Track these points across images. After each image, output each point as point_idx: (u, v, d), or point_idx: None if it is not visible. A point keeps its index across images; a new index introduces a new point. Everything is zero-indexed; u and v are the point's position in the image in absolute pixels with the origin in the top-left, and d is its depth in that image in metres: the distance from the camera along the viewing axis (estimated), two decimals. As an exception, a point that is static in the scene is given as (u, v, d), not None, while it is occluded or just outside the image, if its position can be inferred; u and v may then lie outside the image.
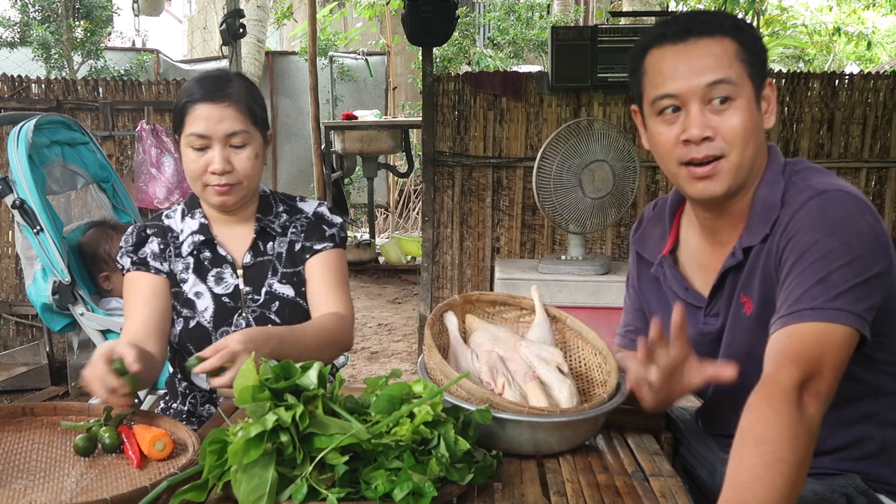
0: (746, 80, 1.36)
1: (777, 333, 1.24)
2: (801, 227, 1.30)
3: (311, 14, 7.42)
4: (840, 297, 1.22)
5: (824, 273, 1.24)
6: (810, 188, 1.34)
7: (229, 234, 1.86)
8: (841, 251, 1.24)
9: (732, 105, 1.35)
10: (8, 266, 4.49)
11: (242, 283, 1.83)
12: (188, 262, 1.83)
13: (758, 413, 1.14)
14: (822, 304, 1.22)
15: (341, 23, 11.72)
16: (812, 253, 1.26)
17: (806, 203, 1.32)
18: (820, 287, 1.23)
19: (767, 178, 1.41)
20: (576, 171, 3.41)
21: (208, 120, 1.72)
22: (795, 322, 1.23)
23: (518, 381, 1.42)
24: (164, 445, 1.32)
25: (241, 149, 1.75)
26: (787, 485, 1.07)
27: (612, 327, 3.44)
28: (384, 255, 7.13)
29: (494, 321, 1.67)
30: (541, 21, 9.87)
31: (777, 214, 1.36)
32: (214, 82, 1.76)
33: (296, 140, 9.16)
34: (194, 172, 1.75)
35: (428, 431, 1.21)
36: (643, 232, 1.65)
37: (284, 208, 1.90)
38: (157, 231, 1.85)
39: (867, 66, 11.17)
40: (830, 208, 1.29)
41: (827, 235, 1.26)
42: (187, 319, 1.81)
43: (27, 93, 4.45)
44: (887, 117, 4.34)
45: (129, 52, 8.65)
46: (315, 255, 1.85)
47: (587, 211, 3.47)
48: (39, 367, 4.21)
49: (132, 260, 1.82)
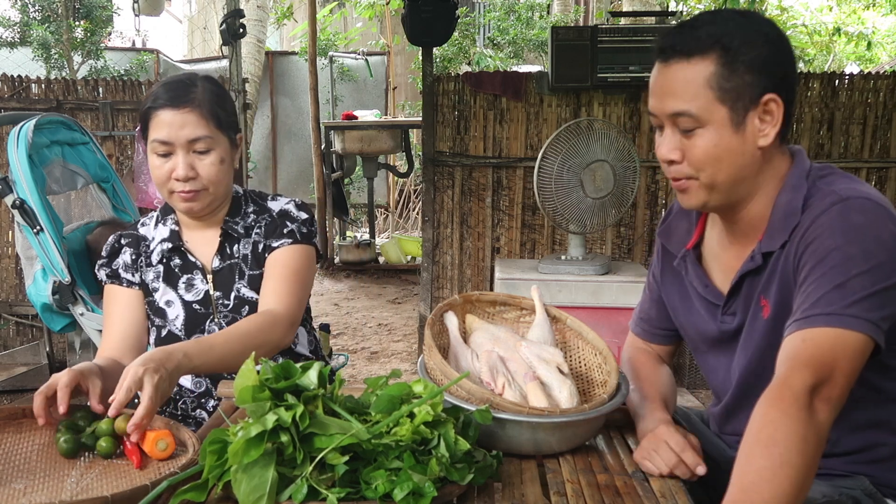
0: (717, 107, 1.34)
1: (791, 337, 1.24)
2: (821, 233, 1.29)
3: (311, 14, 7.42)
4: (857, 304, 1.21)
5: (842, 279, 1.23)
6: (833, 193, 1.33)
7: (199, 238, 1.84)
8: (860, 258, 1.24)
9: (698, 132, 1.36)
10: (8, 266, 4.49)
11: (212, 288, 1.82)
12: (158, 271, 1.82)
13: (768, 416, 1.14)
14: (839, 310, 1.22)
15: (341, 23, 11.72)
16: (831, 258, 1.26)
17: (829, 208, 1.31)
18: (837, 293, 1.23)
19: (790, 182, 1.40)
20: (576, 171, 3.41)
21: (171, 126, 1.71)
22: (810, 326, 1.22)
23: (518, 382, 1.42)
24: (167, 445, 1.32)
25: (204, 154, 1.73)
26: (793, 488, 1.07)
27: (612, 327, 3.46)
28: (384, 255, 7.13)
29: (494, 321, 1.67)
30: (541, 21, 9.86)
31: (798, 220, 1.35)
32: (178, 87, 1.74)
33: (296, 140, 9.16)
34: (159, 179, 1.75)
35: (428, 431, 1.21)
36: (669, 224, 1.65)
37: (254, 208, 1.87)
38: (130, 241, 1.85)
39: (867, 66, 11.17)
40: (852, 215, 1.29)
41: (847, 242, 1.26)
42: (159, 328, 1.81)
43: (27, 93, 4.45)
44: (887, 117, 4.34)
45: (129, 52, 8.65)
46: (272, 253, 1.81)
47: (588, 211, 3.47)
48: (39, 367, 4.21)
49: (106, 273, 1.83)
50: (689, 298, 1.57)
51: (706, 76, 1.34)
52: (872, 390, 1.39)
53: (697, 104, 1.34)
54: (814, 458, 1.12)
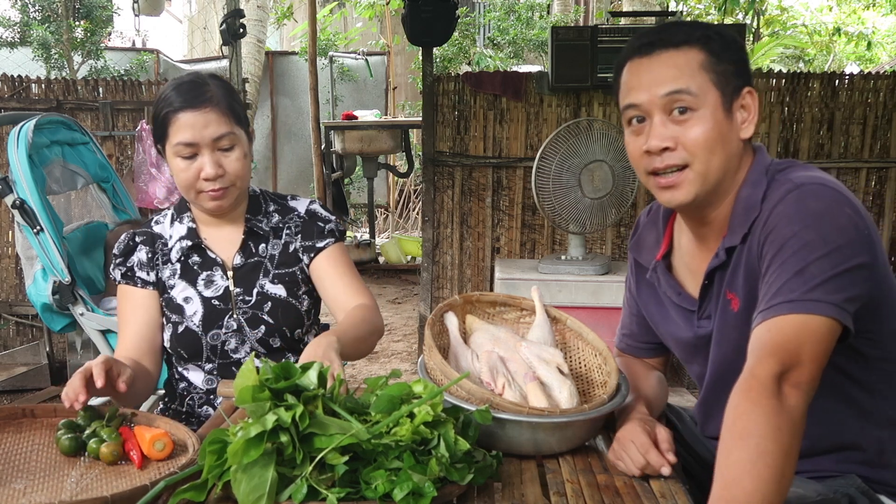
0: (712, 89, 1.36)
1: (757, 328, 1.25)
2: (779, 221, 1.30)
3: (311, 14, 7.42)
4: (817, 287, 1.22)
5: (802, 265, 1.24)
6: (789, 181, 1.34)
7: (218, 236, 1.85)
8: (818, 243, 1.25)
9: (694, 115, 1.36)
10: (8, 266, 4.49)
11: (232, 284, 1.82)
12: (176, 268, 1.83)
13: (739, 408, 1.15)
14: (800, 296, 1.22)
15: (341, 23, 11.72)
16: (790, 246, 1.27)
17: (785, 196, 1.32)
18: (798, 279, 1.23)
19: (750, 178, 1.41)
20: (575, 171, 3.41)
21: (193, 127, 1.71)
22: (774, 315, 1.23)
23: (518, 382, 1.42)
24: (164, 445, 1.33)
25: (229, 151, 1.74)
26: (774, 476, 1.08)
27: (612, 327, 3.44)
28: (384, 255, 7.13)
29: (494, 322, 1.67)
30: (541, 21, 9.86)
31: (758, 212, 1.36)
32: (192, 88, 1.74)
33: (296, 140, 9.16)
34: (187, 181, 1.74)
35: (428, 431, 1.21)
36: (639, 237, 1.66)
37: (275, 208, 1.89)
38: (145, 239, 1.85)
39: (867, 66, 11.16)
40: (808, 201, 1.29)
41: (804, 227, 1.27)
42: (176, 325, 1.81)
43: (27, 93, 4.45)
44: (887, 117, 4.34)
45: (129, 52, 8.64)
46: (320, 254, 1.85)
47: (586, 211, 3.47)
48: (39, 367, 4.21)
49: (122, 272, 1.83)
50: (664, 308, 1.57)
51: (699, 60, 1.37)
52: (852, 381, 1.39)
53: (695, 83, 1.36)
54: (791, 444, 1.12)
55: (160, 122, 1.75)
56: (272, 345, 1.82)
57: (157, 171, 4.12)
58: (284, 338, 1.82)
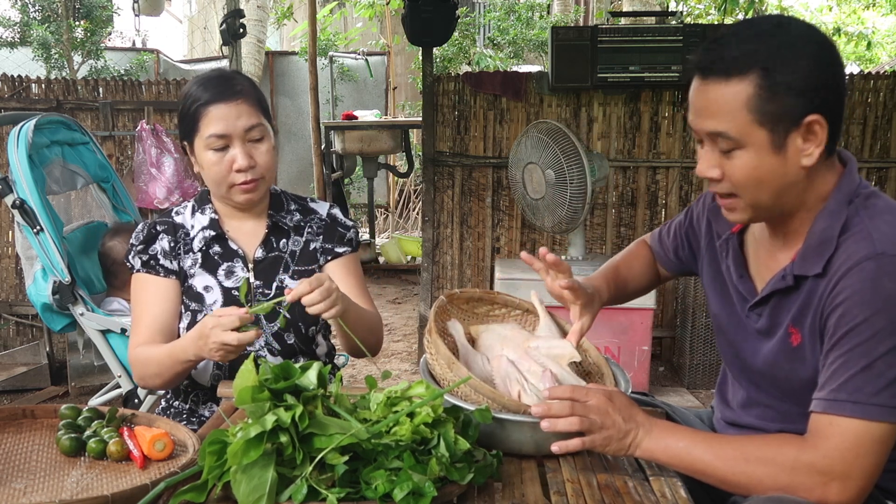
0: (756, 130, 1.28)
1: (820, 417, 1.25)
2: (851, 296, 1.26)
3: (311, 14, 7.42)
4: (884, 391, 1.21)
5: (870, 360, 1.22)
6: (869, 239, 1.28)
7: (241, 228, 1.88)
8: (888, 332, 1.22)
9: (736, 153, 1.31)
10: (8, 266, 4.49)
11: (253, 276, 1.84)
12: (197, 258, 1.84)
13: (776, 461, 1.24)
14: (867, 398, 1.21)
15: (341, 23, 11.72)
16: (859, 332, 1.24)
17: (862, 262, 1.26)
18: (865, 376, 1.22)
19: (829, 207, 1.34)
20: (519, 170, 3.65)
21: (226, 119, 1.73)
22: (839, 414, 1.23)
23: (533, 382, 1.42)
24: (164, 445, 1.33)
25: (259, 142, 1.78)
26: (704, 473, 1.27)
27: (612, 327, 3.45)
28: (384, 255, 7.13)
29: (490, 320, 1.68)
30: (541, 21, 9.86)
31: (833, 250, 1.31)
32: (221, 81, 1.78)
33: (296, 140, 9.16)
34: (219, 174, 1.76)
35: (428, 431, 1.21)
36: None
37: (296, 207, 1.93)
38: (167, 228, 1.86)
39: (867, 66, 11.16)
40: (884, 280, 1.24)
41: (875, 313, 1.23)
42: (195, 313, 1.82)
43: (27, 93, 4.45)
44: (887, 117, 4.34)
45: (129, 52, 8.64)
46: (336, 259, 1.90)
47: (529, 209, 3.68)
48: (39, 367, 4.21)
49: (142, 260, 1.83)
50: (722, 283, 1.56)
51: (744, 98, 1.27)
52: None
53: (735, 126, 1.29)
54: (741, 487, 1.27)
55: (190, 117, 1.77)
56: (286, 339, 1.83)
57: (157, 171, 4.12)
58: (299, 334, 1.84)
